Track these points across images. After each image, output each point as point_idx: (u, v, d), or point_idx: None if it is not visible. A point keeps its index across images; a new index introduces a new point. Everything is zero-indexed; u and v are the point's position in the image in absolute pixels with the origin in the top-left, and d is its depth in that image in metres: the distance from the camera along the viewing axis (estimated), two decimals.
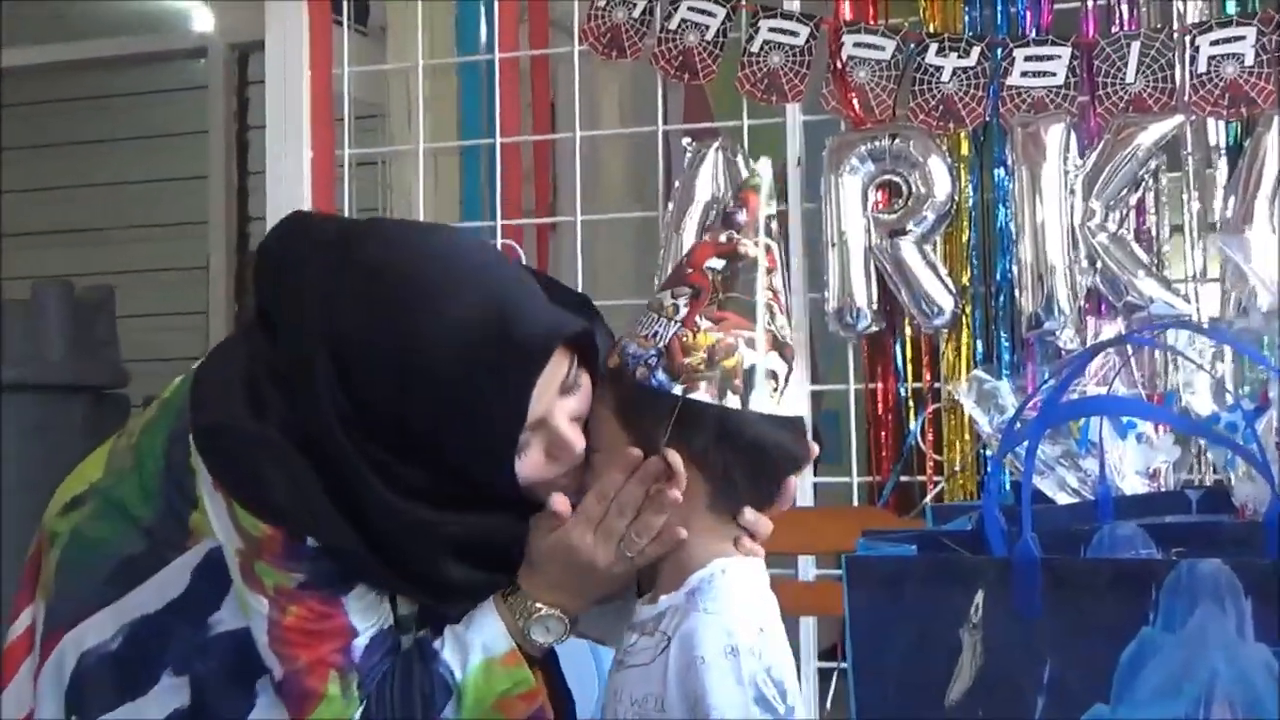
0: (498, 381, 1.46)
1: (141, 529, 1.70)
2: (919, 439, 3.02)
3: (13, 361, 4.60)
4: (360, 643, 1.56)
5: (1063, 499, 1.49)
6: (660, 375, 1.41)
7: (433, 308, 1.47)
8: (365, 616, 1.56)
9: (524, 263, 3.41)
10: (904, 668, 1.04)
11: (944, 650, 1.03)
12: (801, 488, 3.07)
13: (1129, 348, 1.71)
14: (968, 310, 3.00)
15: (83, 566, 1.74)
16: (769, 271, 1.44)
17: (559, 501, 1.51)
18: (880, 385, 3.09)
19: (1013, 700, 1.00)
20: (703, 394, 1.41)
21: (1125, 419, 1.48)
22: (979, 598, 1.02)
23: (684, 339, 1.42)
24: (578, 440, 1.52)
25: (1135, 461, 1.52)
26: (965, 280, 3.01)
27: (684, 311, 1.42)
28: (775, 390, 1.43)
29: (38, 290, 4.72)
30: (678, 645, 1.39)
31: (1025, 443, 1.12)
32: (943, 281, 2.97)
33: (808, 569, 3.02)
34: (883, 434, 3.09)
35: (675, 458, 1.42)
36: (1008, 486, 1.86)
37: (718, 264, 1.44)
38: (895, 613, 1.05)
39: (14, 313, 4.64)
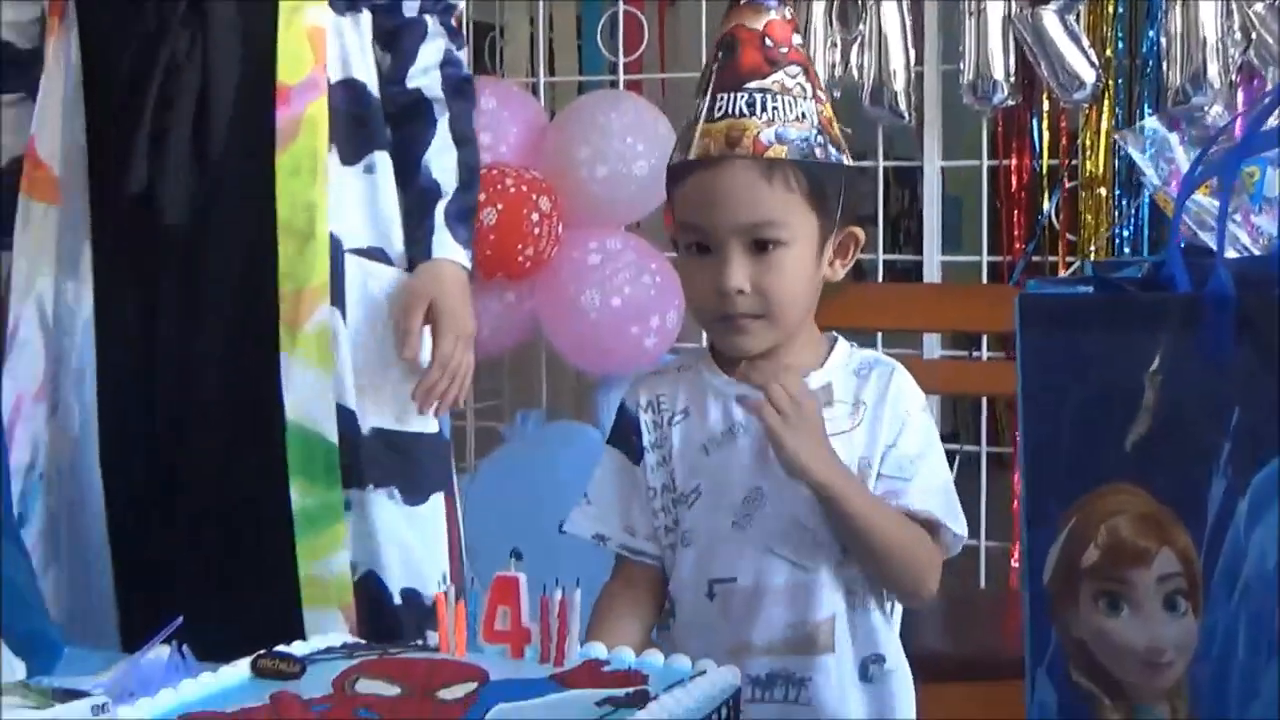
0: None
1: None
2: (1053, 217, 2.92)
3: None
4: None
5: (1232, 256, 1.41)
6: (833, 150, 1.46)
7: None
8: None
9: (645, 33, 3.34)
10: (1080, 413, 0.99)
11: (1124, 395, 0.96)
12: (929, 266, 3.00)
13: None
14: (1110, 84, 2.88)
15: None
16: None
17: None
18: (1014, 161, 2.99)
19: (1196, 446, 0.94)
20: (846, 156, 1.49)
21: None
22: (1164, 338, 0.95)
23: (823, 112, 1.47)
24: None
25: None
26: (1109, 52, 2.88)
27: (810, 85, 1.46)
28: None
29: None
30: (890, 407, 1.47)
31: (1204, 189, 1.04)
32: (1085, 53, 2.84)
33: (933, 348, 2.97)
34: (1015, 212, 3.00)
35: (855, 229, 1.51)
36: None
37: (797, 38, 1.48)
38: (1071, 354, 0.98)
39: None
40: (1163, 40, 2.76)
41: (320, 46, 1.91)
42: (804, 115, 1.44)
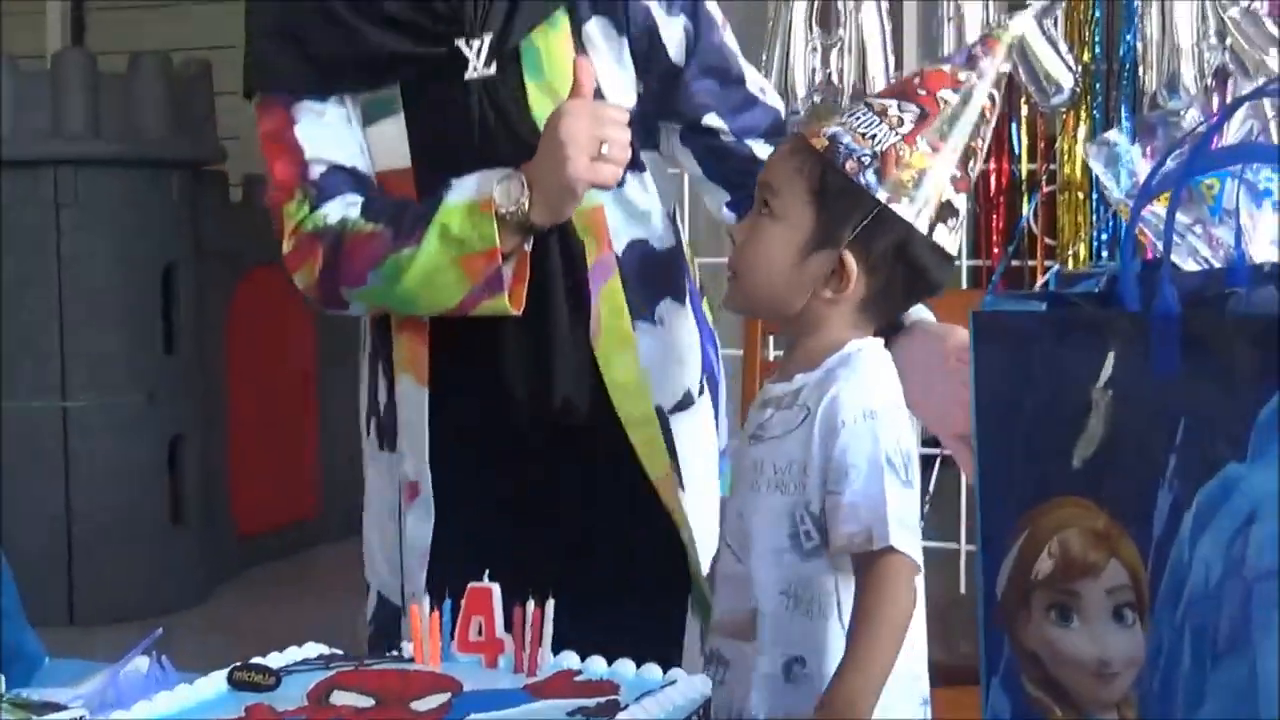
0: None
1: None
2: (1031, 221, 2.94)
3: (110, 136, 4.59)
4: (317, 169, 1.75)
5: (1193, 268, 1.44)
6: (870, 176, 1.49)
7: None
8: (318, 145, 1.76)
9: None
10: (1031, 427, 1.01)
11: (1073, 409, 0.99)
12: None
13: (1268, 113, 1.63)
14: (1088, 89, 2.89)
15: None
16: (985, 122, 1.52)
17: (584, 70, 1.67)
18: (993, 165, 3.01)
19: (1143, 460, 0.96)
20: (903, 208, 1.49)
21: (1262, 186, 1.42)
22: (1112, 355, 0.98)
23: (901, 152, 1.49)
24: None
25: (1270, 231, 1.46)
26: (1086, 58, 2.90)
27: (909, 127, 1.50)
28: (954, 230, 1.52)
29: (135, 63, 4.68)
30: (821, 414, 1.47)
31: (1163, 199, 1.06)
32: (1062, 58, 2.86)
33: None
34: (994, 217, 3.02)
35: (850, 258, 1.50)
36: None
37: (951, 96, 1.51)
38: (1023, 370, 1.01)
39: (111, 87, 4.61)
40: (1139, 45, 2.78)
41: (601, 226, 1.81)
42: (873, 137, 1.49)
